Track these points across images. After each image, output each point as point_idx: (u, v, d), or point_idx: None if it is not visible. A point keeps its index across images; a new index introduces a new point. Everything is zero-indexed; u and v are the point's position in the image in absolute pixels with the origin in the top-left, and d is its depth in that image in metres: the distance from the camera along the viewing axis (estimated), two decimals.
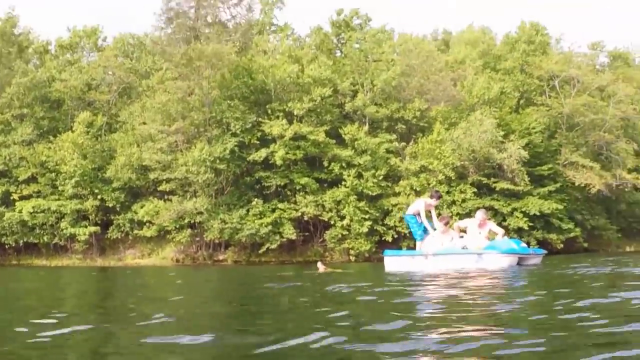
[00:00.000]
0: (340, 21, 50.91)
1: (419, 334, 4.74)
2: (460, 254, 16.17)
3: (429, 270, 15.54)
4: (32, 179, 44.44)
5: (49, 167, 43.84)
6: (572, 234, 42.88)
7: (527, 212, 40.96)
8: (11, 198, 44.36)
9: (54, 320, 6.72)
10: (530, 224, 40.75)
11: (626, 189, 47.17)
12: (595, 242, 45.74)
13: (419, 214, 17.45)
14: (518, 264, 15.81)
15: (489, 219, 19.03)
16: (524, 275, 12.58)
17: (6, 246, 44.30)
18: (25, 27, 52.02)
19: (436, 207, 18.35)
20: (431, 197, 18.30)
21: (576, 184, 44.10)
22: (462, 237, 17.16)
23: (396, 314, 5.90)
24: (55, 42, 53.57)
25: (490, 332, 4.91)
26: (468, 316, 5.92)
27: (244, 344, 4.74)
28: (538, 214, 41.09)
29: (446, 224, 17.37)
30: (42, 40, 52.82)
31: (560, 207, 41.98)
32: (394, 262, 17.58)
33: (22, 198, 43.99)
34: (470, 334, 4.79)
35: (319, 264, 20.23)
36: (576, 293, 7.90)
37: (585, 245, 43.91)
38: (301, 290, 11.58)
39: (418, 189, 39.97)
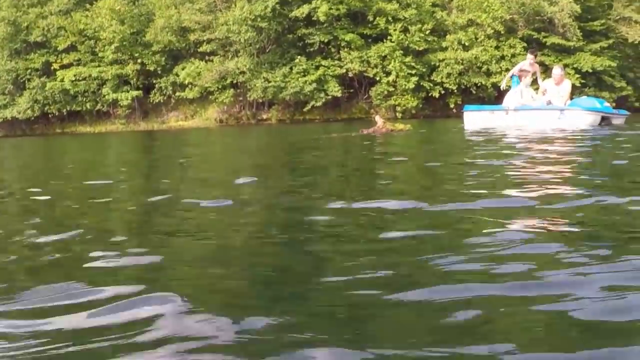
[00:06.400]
0: None
1: None
2: (541, 109, 15.43)
3: (508, 125, 15.05)
4: (72, 48, 44.13)
5: (88, 34, 43.41)
6: (624, 92, 41.47)
7: (579, 68, 39.48)
8: (52, 68, 44.28)
9: None
10: (582, 81, 39.27)
11: None
12: None
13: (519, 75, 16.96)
14: (601, 124, 15.13)
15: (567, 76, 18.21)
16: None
17: (50, 115, 44.57)
18: None
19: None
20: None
21: (629, 40, 42.30)
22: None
23: None
24: None
25: None
26: None
27: None
28: (590, 70, 39.66)
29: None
30: None
31: (613, 64, 40.44)
32: (474, 118, 16.90)
33: (62, 67, 43.90)
34: None
35: (377, 118, 18.78)
36: None
37: (637, 104, 42.42)
38: None
39: (466, 44, 38.77)
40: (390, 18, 38.68)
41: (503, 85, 17.14)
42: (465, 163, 6.62)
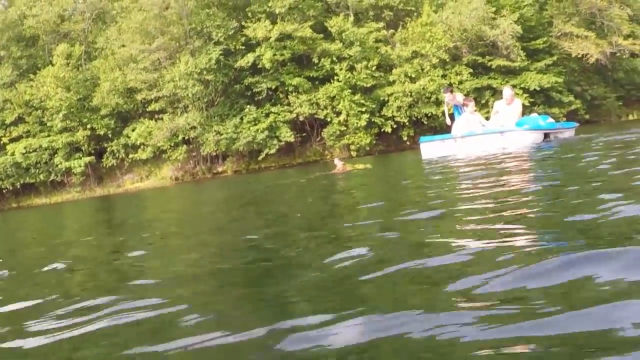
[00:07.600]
0: None
1: None
2: (483, 134, 16.15)
3: (458, 152, 15.74)
4: (20, 120, 43.50)
5: (34, 105, 42.82)
6: (573, 107, 41.98)
7: (527, 88, 39.93)
8: (1, 142, 43.56)
9: None
10: (531, 100, 39.67)
11: (623, 56, 45.93)
12: (596, 113, 44.77)
13: (458, 106, 17.68)
14: (548, 139, 15.78)
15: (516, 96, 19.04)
16: None
17: (4, 190, 43.65)
18: None
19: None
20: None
21: (572, 55, 43.03)
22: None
23: None
24: None
25: None
26: None
27: None
28: (538, 89, 40.14)
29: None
30: None
31: (559, 80, 41.05)
32: (429, 148, 17.55)
33: (12, 140, 43.21)
34: None
35: (337, 161, 18.47)
36: None
37: (587, 117, 42.94)
38: None
39: (413, 76, 38.98)
40: (335, 58, 38.79)
41: (448, 122, 17.71)
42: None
